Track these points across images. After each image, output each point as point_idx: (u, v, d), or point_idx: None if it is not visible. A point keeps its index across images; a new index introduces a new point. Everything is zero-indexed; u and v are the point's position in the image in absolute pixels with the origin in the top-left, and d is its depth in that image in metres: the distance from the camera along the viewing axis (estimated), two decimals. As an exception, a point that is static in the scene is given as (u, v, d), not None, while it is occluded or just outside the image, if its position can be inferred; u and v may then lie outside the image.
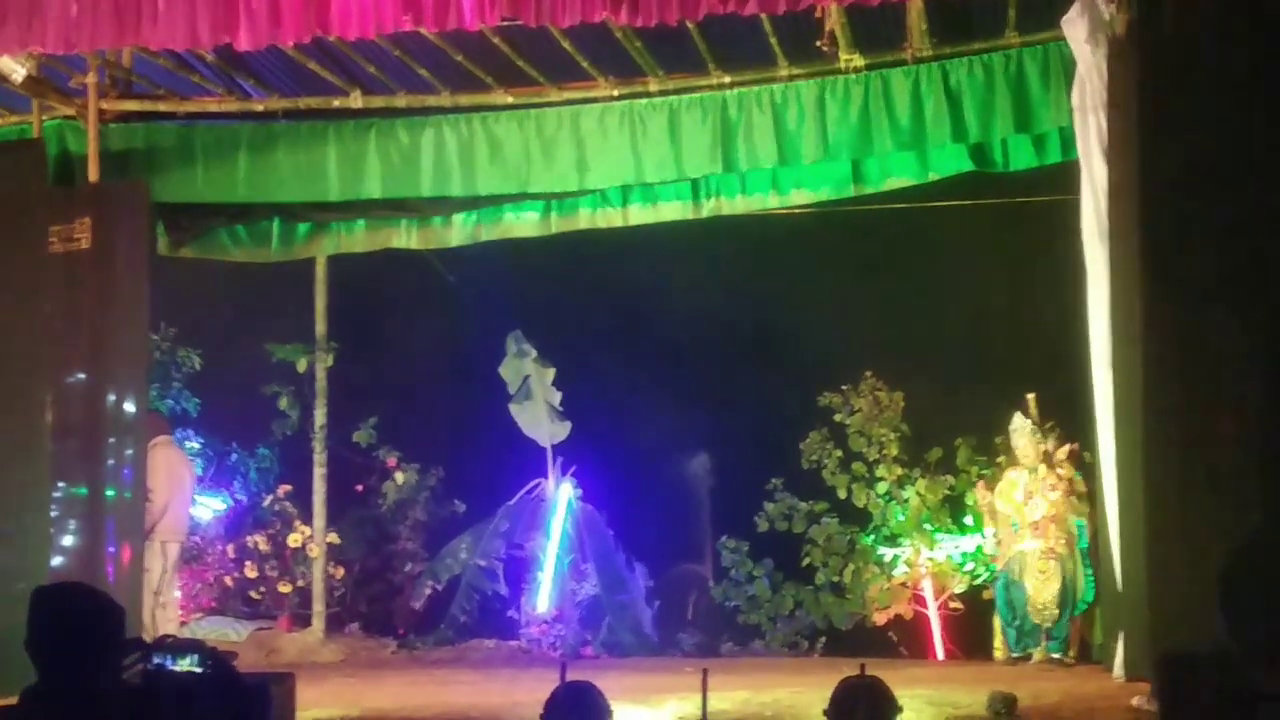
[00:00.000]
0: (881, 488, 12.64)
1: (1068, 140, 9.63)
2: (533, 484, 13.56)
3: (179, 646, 3.65)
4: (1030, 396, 10.95)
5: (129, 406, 10.26)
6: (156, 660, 3.54)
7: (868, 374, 12.90)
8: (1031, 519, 10.70)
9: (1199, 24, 6.94)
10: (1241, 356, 6.65)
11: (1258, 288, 6.65)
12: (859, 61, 10.04)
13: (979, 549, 11.86)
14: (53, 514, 10.02)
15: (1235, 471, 6.52)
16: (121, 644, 3.50)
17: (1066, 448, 10.83)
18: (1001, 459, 11.47)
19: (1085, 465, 10.71)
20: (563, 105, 10.69)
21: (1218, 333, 6.72)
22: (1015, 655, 10.70)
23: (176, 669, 3.51)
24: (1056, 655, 10.53)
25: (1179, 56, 7.08)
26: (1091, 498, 10.42)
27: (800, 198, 11.17)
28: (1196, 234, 6.89)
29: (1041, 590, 10.55)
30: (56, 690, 3.36)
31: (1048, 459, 10.77)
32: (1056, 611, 10.52)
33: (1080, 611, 10.70)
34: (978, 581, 11.92)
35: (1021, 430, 10.86)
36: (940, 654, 12.14)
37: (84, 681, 3.36)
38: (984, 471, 11.57)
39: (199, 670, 3.46)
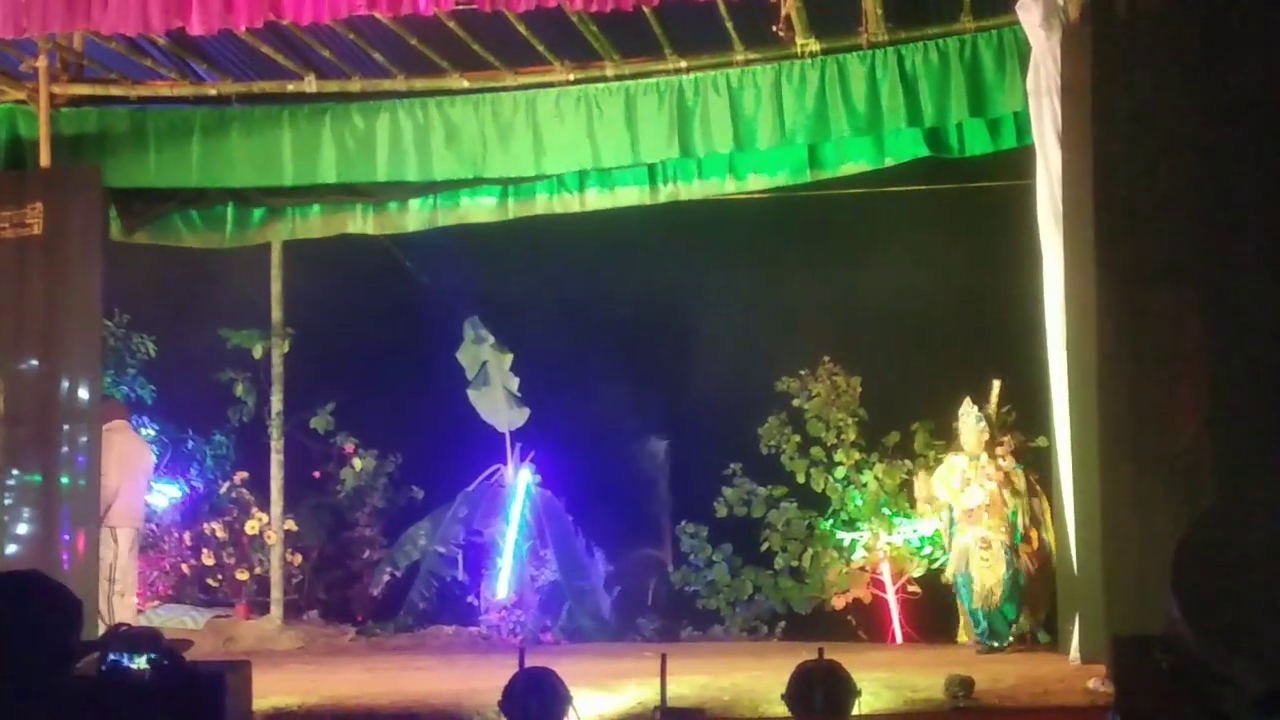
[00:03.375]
0: (840, 472, 12.68)
1: (1023, 125, 9.67)
2: (491, 470, 13.55)
3: (134, 638, 3.62)
4: (996, 383, 10.85)
5: (83, 393, 10.17)
6: (111, 657, 3.51)
7: (825, 359, 12.94)
8: (966, 506, 10.49)
9: (1152, 9, 6.96)
10: (1195, 341, 6.68)
11: (1210, 272, 6.69)
12: (815, 46, 10.05)
13: (937, 533, 11.89)
14: (6, 502, 9.97)
15: (1189, 456, 6.56)
16: (77, 635, 3.47)
17: (1008, 439, 10.77)
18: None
19: (1030, 456, 10.73)
20: (518, 90, 10.65)
21: (1171, 317, 6.76)
22: (995, 646, 10.24)
23: (131, 666, 3.48)
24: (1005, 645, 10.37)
25: (1132, 42, 7.11)
26: (1045, 487, 10.47)
27: (757, 183, 11.17)
28: (1149, 219, 6.92)
29: (986, 576, 10.30)
30: (7, 682, 3.32)
31: (990, 448, 10.70)
32: (1003, 598, 10.25)
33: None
34: (935, 565, 11.97)
35: (966, 416, 10.65)
36: (898, 638, 12.19)
37: (37, 674, 3.32)
38: (941, 456, 11.58)
39: (152, 668, 3.43)
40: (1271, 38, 6.43)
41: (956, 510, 10.55)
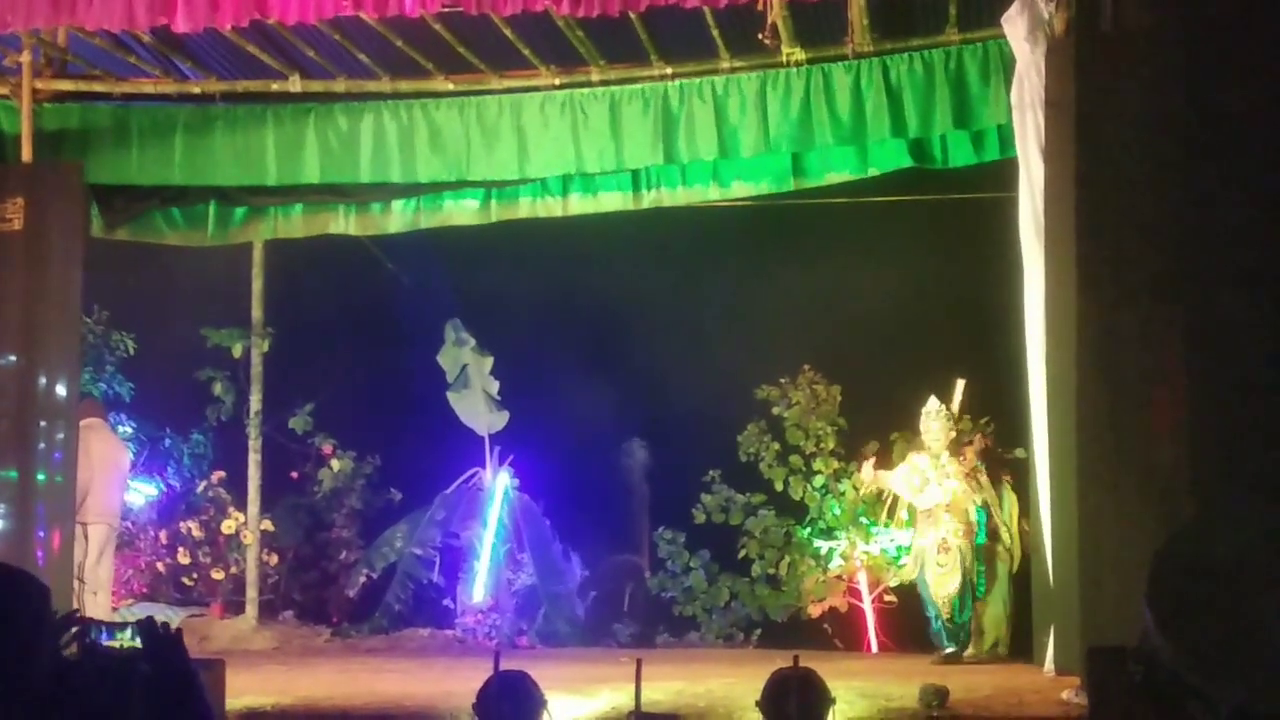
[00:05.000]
0: (818, 481, 12.70)
1: (1006, 138, 9.69)
2: (470, 473, 13.52)
3: (113, 628, 3.59)
4: (960, 382, 10.84)
5: (60, 390, 10.14)
6: (93, 637, 3.48)
7: (805, 367, 12.96)
8: (924, 507, 10.46)
9: (1136, 24, 7.00)
10: (1172, 355, 6.71)
11: (1188, 287, 6.72)
12: (800, 55, 10.06)
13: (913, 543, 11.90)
14: (-19, 497, 9.92)
15: (1166, 469, 6.59)
16: (49, 622, 3.44)
17: (978, 438, 10.76)
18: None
19: (997, 459, 10.75)
20: (504, 93, 10.65)
21: (1149, 331, 6.79)
22: (947, 652, 10.33)
23: (115, 644, 3.46)
24: (966, 653, 10.33)
25: (1116, 56, 7.14)
26: (1014, 488, 10.50)
27: (741, 190, 11.19)
28: (1129, 233, 6.96)
29: (943, 584, 10.29)
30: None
31: (955, 446, 10.55)
32: (956, 605, 10.26)
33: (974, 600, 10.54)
34: (912, 576, 11.97)
35: (933, 413, 10.60)
36: (874, 646, 12.20)
37: (11, 663, 3.30)
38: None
39: (138, 644, 3.40)
40: (1253, 55, 6.47)
41: (918, 510, 10.53)
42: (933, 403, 10.66)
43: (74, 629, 3.46)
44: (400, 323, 14.35)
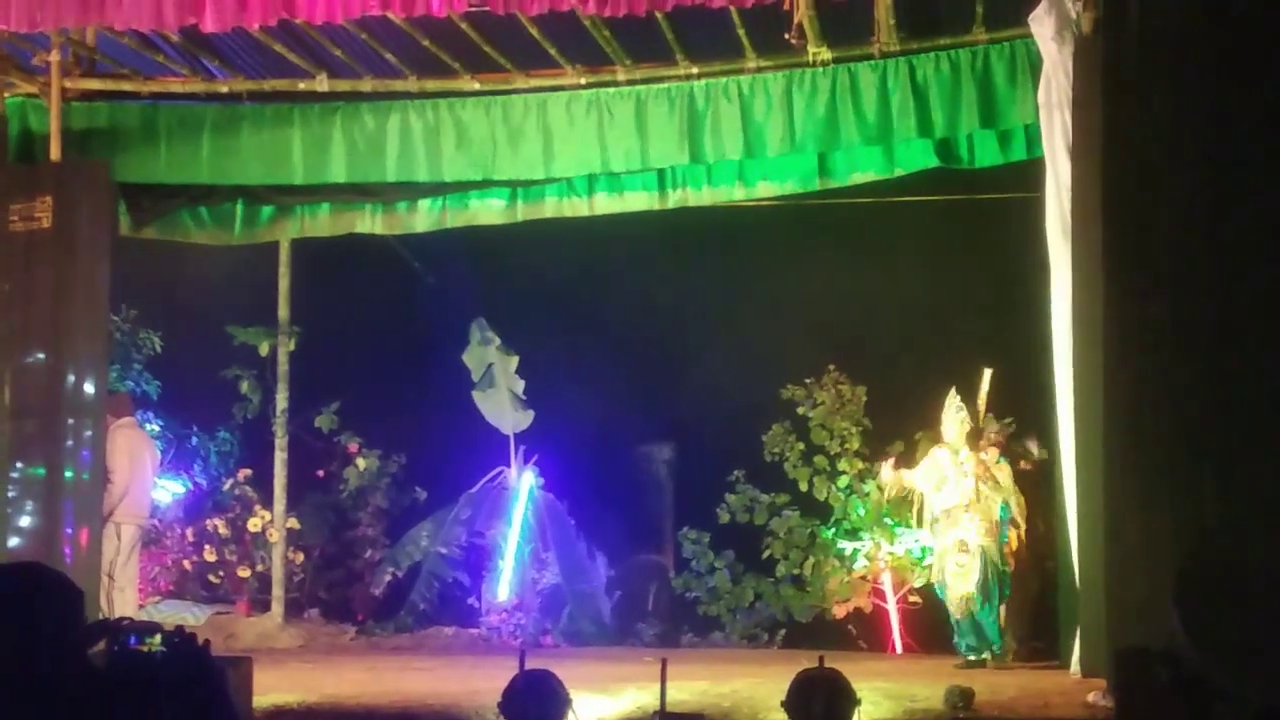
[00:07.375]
0: (843, 481, 12.69)
1: (1033, 137, 9.66)
2: (495, 472, 13.55)
3: (140, 628, 3.60)
4: (987, 372, 10.57)
5: (88, 387, 10.17)
6: (123, 641, 3.50)
7: (831, 367, 12.96)
8: (943, 506, 10.25)
9: (1164, 23, 6.97)
10: (1200, 354, 6.68)
11: (1217, 286, 6.69)
12: (826, 55, 10.04)
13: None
14: (10, 495, 9.95)
15: (1194, 470, 6.56)
16: (81, 625, 3.46)
17: (994, 433, 10.65)
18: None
19: (1016, 456, 10.67)
20: (530, 93, 10.65)
21: (1177, 331, 6.76)
22: (970, 660, 10.12)
23: (143, 649, 3.46)
24: (990, 658, 10.11)
25: (1144, 56, 7.11)
26: (1029, 488, 10.45)
27: (766, 190, 11.17)
28: (1157, 232, 6.93)
29: (960, 583, 10.05)
30: (13, 673, 3.32)
31: (974, 441, 10.36)
32: (978, 605, 10.01)
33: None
34: (938, 579, 11.92)
35: (948, 407, 10.41)
36: (899, 648, 12.18)
37: (42, 664, 3.32)
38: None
39: (165, 650, 3.42)
40: (1283, 54, 6.44)
41: (936, 509, 10.37)
42: (951, 396, 10.51)
43: (104, 634, 3.48)
44: (426, 322, 14.39)
